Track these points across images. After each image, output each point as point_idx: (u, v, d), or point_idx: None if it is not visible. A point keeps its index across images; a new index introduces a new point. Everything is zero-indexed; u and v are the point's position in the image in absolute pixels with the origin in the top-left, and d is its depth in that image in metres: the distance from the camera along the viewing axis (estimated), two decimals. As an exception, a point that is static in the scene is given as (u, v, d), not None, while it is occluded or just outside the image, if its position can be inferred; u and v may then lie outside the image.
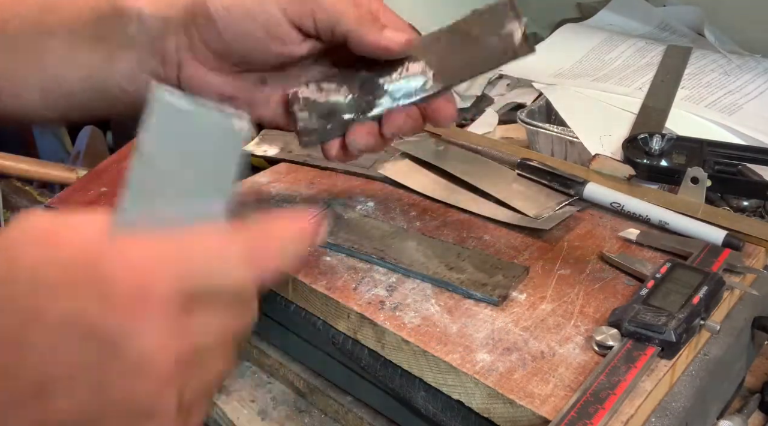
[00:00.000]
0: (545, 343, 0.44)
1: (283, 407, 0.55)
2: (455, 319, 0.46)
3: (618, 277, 0.50)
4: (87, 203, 0.75)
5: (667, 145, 0.65)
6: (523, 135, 0.83)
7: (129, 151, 0.85)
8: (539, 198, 0.60)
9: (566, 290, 0.49)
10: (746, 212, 0.69)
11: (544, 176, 0.61)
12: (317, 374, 0.54)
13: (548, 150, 0.78)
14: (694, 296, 0.44)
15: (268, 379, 0.57)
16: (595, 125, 0.77)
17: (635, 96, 0.82)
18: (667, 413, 0.41)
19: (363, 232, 0.55)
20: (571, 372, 0.42)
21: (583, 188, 0.59)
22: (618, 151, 0.69)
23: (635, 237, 0.54)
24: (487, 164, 0.65)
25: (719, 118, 0.77)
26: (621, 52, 0.95)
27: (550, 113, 0.85)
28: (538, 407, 0.39)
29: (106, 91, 0.48)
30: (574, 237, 0.55)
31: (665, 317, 0.43)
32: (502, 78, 1.01)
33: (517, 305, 0.47)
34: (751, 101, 0.80)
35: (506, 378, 0.41)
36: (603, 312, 0.46)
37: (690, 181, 0.58)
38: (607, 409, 0.37)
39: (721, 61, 0.89)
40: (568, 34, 1.03)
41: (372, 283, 0.50)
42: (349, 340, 0.48)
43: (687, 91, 0.82)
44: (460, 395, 0.43)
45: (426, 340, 0.44)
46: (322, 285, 0.49)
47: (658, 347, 0.42)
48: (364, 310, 0.47)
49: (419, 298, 0.48)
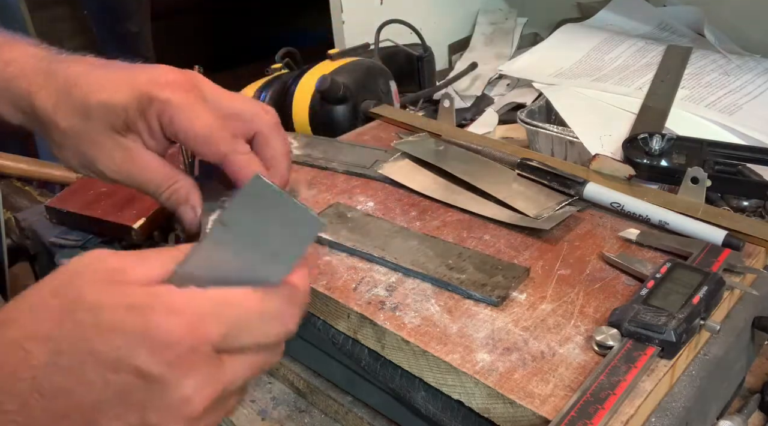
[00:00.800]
0: (545, 343, 0.44)
1: (283, 407, 0.55)
2: (455, 319, 0.46)
3: (618, 277, 0.50)
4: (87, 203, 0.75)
5: (667, 145, 0.65)
6: (523, 135, 0.83)
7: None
8: (539, 198, 0.60)
9: (566, 290, 0.49)
10: (746, 212, 0.69)
11: (544, 176, 0.61)
12: (317, 374, 0.54)
13: (548, 150, 0.78)
14: (694, 296, 0.44)
15: (268, 379, 0.57)
16: (595, 125, 0.77)
17: (635, 96, 0.82)
18: (667, 413, 0.41)
19: (364, 232, 0.55)
20: (571, 372, 0.42)
21: (583, 188, 0.59)
22: (618, 151, 0.69)
23: (635, 237, 0.54)
24: (486, 164, 0.65)
25: (719, 118, 0.77)
26: (621, 52, 0.95)
27: (550, 113, 0.85)
28: (538, 407, 0.39)
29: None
30: (574, 237, 0.55)
31: (665, 317, 0.43)
32: (502, 78, 1.01)
33: (517, 305, 0.47)
34: (751, 101, 0.80)
35: (506, 378, 0.41)
36: (603, 312, 0.46)
37: (690, 181, 0.58)
38: (607, 409, 0.37)
39: (721, 61, 0.89)
40: (568, 34, 1.03)
41: (372, 283, 0.50)
42: (349, 340, 0.48)
43: (687, 91, 0.82)
44: (460, 395, 0.43)
45: (426, 340, 0.44)
46: (322, 285, 0.49)
47: (658, 347, 0.42)
48: (364, 310, 0.47)
49: (419, 298, 0.48)
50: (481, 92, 1.00)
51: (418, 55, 0.99)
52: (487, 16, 1.19)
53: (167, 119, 0.46)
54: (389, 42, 0.99)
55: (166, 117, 0.46)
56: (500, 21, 1.17)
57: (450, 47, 1.17)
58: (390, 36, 0.98)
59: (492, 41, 1.14)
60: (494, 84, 1.01)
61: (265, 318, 0.33)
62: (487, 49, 1.12)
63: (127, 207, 0.74)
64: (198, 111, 0.47)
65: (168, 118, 0.46)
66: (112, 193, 0.77)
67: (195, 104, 0.47)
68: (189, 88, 0.48)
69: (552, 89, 0.87)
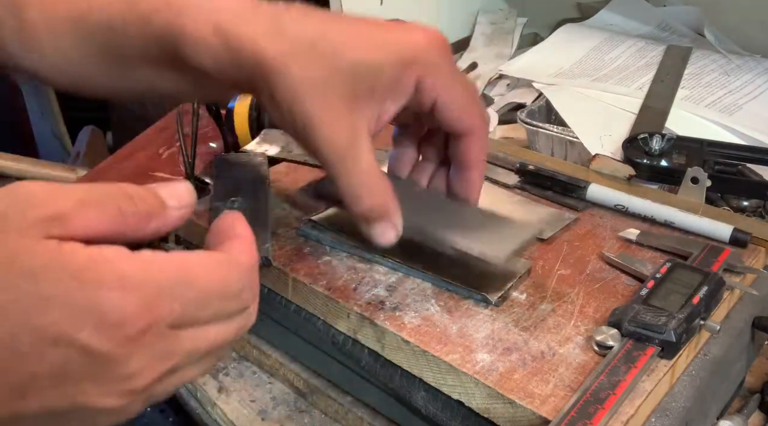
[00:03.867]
0: (545, 343, 0.44)
1: (283, 407, 0.55)
2: (455, 319, 0.46)
3: (618, 277, 0.50)
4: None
5: (667, 145, 0.65)
6: (523, 135, 0.83)
7: (129, 151, 0.85)
8: (503, 233, 0.49)
9: (566, 290, 0.49)
10: (746, 212, 0.69)
11: (544, 181, 0.61)
12: (317, 374, 0.54)
13: (548, 150, 0.78)
14: (694, 296, 0.44)
15: (268, 379, 0.57)
16: (595, 125, 0.77)
17: (635, 96, 0.82)
18: (667, 413, 0.41)
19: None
20: (571, 372, 0.42)
21: (585, 191, 0.59)
22: (618, 151, 0.69)
23: (635, 237, 0.54)
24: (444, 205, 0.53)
25: (719, 118, 0.77)
26: (621, 52, 0.95)
27: (550, 113, 0.85)
28: (538, 407, 0.39)
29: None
30: (574, 237, 0.55)
31: (665, 317, 0.43)
32: (502, 78, 1.01)
33: (517, 305, 0.47)
34: (751, 101, 0.80)
35: (506, 378, 0.41)
36: (603, 312, 0.46)
37: (690, 181, 0.58)
38: (607, 409, 0.37)
39: (721, 61, 0.89)
40: (568, 34, 1.03)
41: (372, 283, 0.50)
42: (349, 340, 0.48)
43: (687, 91, 0.82)
44: (460, 395, 0.43)
45: (426, 340, 0.44)
46: (322, 285, 0.49)
47: (658, 347, 0.42)
48: (364, 310, 0.47)
49: (419, 298, 0.48)
50: (481, 92, 1.00)
51: (418, 55, 0.99)
52: (487, 16, 1.19)
53: (430, 84, 0.43)
54: (389, 42, 0.99)
55: (429, 81, 0.43)
56: (500, 21, 1.17)
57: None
58: (390, 36, 0.98)
59: (492, 41, 1.14)
60: (494, 84, 1.01)
61: (226, 295, 0.31)
62: (487, 49, 1.12)
63: (127, 207, 0.74)
64: (459, 78, 0.44)
65: (432, 82, 0.43)
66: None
67: (456, 69, 0.44)
68: (449, 51, 0.44)
69: (552, 89, 0.87)
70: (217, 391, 0.56)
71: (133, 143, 0.86)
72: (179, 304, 0.29)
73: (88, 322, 0.27)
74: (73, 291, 0.27)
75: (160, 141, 0.85)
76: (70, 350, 0.27)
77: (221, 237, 0.34)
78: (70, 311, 0.27)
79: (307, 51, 0.39)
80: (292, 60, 0.39)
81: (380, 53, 0.41)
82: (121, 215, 0.30)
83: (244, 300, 0.32)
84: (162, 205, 0.32)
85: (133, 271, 0.28)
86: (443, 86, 0.43)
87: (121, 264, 0.28)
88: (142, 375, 0.29)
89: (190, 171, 0.67)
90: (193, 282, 0.30)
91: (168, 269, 0.29)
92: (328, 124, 0.40)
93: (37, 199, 0.28)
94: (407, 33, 0.43)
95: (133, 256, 0.29)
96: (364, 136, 0.42)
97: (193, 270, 0.30)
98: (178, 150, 0.80)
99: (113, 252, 0.28)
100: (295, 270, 0.51)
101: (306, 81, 0.39)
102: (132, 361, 0.28)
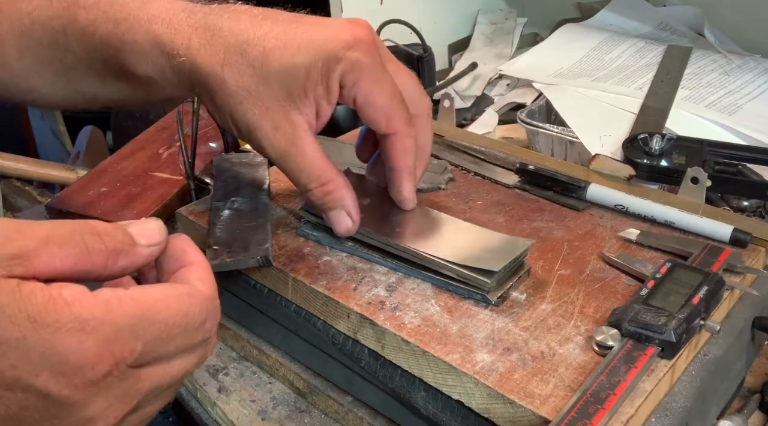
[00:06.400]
0: (545, 343, 0.44)
1: (283, 407, 0.55)
2: (455, 319, 0.46)
3: (618, 277, 0.50)
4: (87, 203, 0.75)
5: (667, 145, 0.65)
6: (523, 135, 0.83)
7: (129, 151, 0.85)
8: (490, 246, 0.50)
9: (566, 290, 0.49)
10: (746, 212, 0.69)
11: (544, 181, 0.61)
12: (317, 374, 0.54)
13: (548, 150, 0.78)
14: (694, 296, 0.44)
15: (268, 379, 0.57)
16: (595, 125, 0.77)
17: (635, 96, 0.82)
18: (667, 413, 0.41)
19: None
20: (571, 372, 0.42)
21: (585, 191, 0.59)
22: (618, 151, 0.69)
23: (635, 237, 0.54)
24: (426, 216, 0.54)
25: (719, 118, 0.77)
26: (621, 52, 0.95)
27: (550, 113, 0.85)
28: (538, 407, 0.39)
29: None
30: (574, 237, 0.55)
31: (665, 317, 0.43)
32: (502, 78, 1.01)
33: (517, 305, 0.47)
34: (751, 101, 0.80)
35: (506, 378, 0.41)
36: (603, 312, 0.46)
37: (690, 181, 0.58)
38: (607, 409, 0.37)
39: (721, 61, 0.89)
40: (568, 34, 1.03)
41: (372, 283, 0.50)
42: (349, 340, 0.48)
43: (687, 91, 0.82)
44: (460, 395, 0.43)
45: (426, 341, 0.44)
46: (322, 285, 0.49)
47: (658, 347, 0.42)
48: (364, 310, 0.47)
49: (419, 298, 0.48)
50: (481, 92, 1.00)
51: (418, 55, 0.99)
52: (487, 16, 1.19)
53: (351, 82, 0.43)
54: (389, 42, 0.99)
55: (350, 79, 0.43)
56: (500, 21, 1.17)
57: (450, 47, 1.17)
58: (390, 36, 0.98)
59: (492, 41, 1.14)
60: (494, 84, 1.01)
61: (189, 327, 0.30)
62: (487, 49, 1.12)
63: (128, 207, 0.74)
64: (383, 77, 0.44)
65: (353, 80, 0.43)
66: (112, 194, 0.77)
67: (381, 68, 0.44)
68: (374, 48, 0.44)
69: (552, 89, 0.87)
70: (217, 391, 0.56)
71: (133, 143, 0.86)
72: (141, 342, 0.28)
73: (45, 366, 0.26)
74: (30, 334, 0.26)
75: (160, 141, 0.86)
76: (27, 395, 0.27)
77: (174, 264, 0.33)
78: (27, 355, 0.26)
79: (239, 60, 0.42)
80: (227, 71, 0.42)
81: (306, 54, 0.42)
82: (88, 253, 0.29)
83: (206, 330, 0.32)
84: (131, 242, 0.31)
85: (93, 312, 0.27)
86: (364, 85, 0.44)
87: (80, 305, 0.27)
88: (103, 418, 0.28)
89: (190, 171, 0.67)
90: (155, 317, 0.29)
91: (128, 307, 0.29)
92: (268, 129, 0.43)
93: (0, 237, 0.27)
94: (333, 31, 0.44)
95: (92, 296, 0.28)
96: (305, 132, 0.44)
97: (155, 306, 0.29)
98: (178, 150, 0.80)
99: (72, 292, 0.28)
100: (295, 270, 0.51)
101: (241, 89, 0.42)
102: (92, 404, 0.28)
